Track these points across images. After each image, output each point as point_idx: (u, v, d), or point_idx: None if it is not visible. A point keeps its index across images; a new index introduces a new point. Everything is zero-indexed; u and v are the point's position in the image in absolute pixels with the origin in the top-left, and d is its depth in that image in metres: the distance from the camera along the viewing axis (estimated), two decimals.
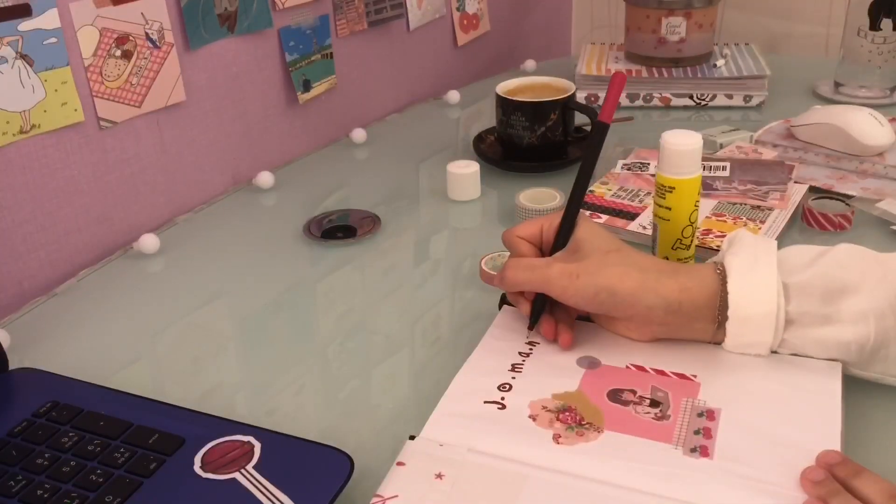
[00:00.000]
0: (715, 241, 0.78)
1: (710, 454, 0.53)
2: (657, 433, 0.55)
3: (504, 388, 0.60)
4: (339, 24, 1.08)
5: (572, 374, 0.61)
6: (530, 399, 0.58)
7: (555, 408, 0.58)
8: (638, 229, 0.82)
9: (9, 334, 0.70)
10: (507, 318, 0.68)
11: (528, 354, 0.63)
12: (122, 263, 0.84)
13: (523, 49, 1.49)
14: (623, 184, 0.90)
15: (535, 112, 0.96)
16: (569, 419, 0.56)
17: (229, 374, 0.67)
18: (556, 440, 0.55)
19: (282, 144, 1.06)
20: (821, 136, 0.96)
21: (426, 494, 0.51)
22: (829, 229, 0.82)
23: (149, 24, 0.85)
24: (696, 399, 0.58)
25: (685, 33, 1.16)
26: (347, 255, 0.83)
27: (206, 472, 0.53)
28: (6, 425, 0.58)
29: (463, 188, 0.92)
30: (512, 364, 0.62)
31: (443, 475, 0.52)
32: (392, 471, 0.52)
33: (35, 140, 0.78)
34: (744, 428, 0.55)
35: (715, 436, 0.54)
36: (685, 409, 0.57)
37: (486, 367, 0.62)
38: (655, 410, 0.57)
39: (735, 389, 0.58)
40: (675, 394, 0.58)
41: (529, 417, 0.57)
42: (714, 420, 0.56)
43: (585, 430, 0.55)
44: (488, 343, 0.65)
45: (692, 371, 0.60)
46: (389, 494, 0.50)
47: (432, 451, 0.54)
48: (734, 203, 0.85)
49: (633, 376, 0.60)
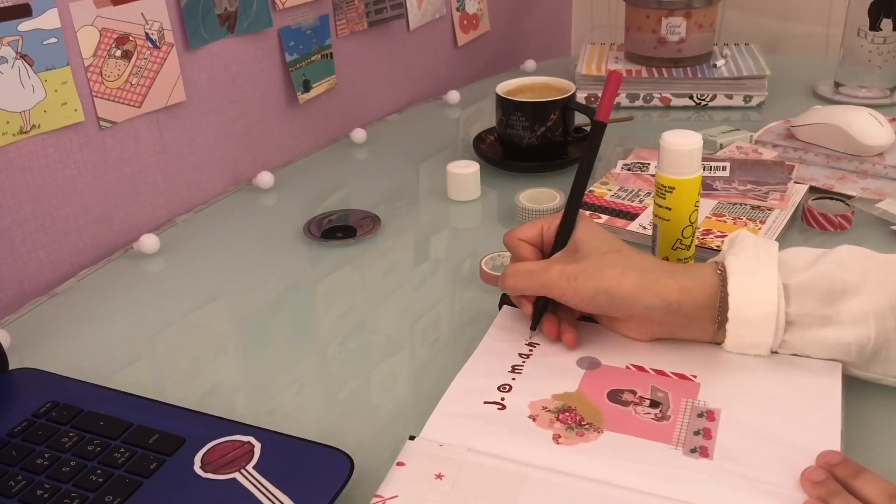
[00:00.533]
0: (715, 241, 0.78)
1: (709, 455, 0.53)
2: (657, 434, 0.55)
3: (504, 388, 0.60)
4: (339, 24, 1.08)
5: (572, 375, 0.61)
6: (530, 399, 0.58)
7: (555, 408, 0.58)
8: (638, 229, 0.82)
9: (9, 334, 0.70)
10: (507, 319, 0.68)
11: (528, 356, 0.63)
12: (122, 263, 0.84)
13: (523, 49, 1.49)
14: (623, 184, 0.90)
15: (535, 112, 0.96)
16: (569, 419, 0.56)
17: (229, 374, 0.67)
18: (556, 440, 0.55)
19: (282, 144, 1.06)
20: (821, 137, 0.96)
21: (426, 494, 0.51)
22: (829, 229, 0.82)
23: (149, 24, 0.85)
24: (695, 399, 0.58)
25: (685, 33, 1.16)
26: (347, 255, 0.83)
27: (206, 472, 0.53)
28: (6, 425, 0.58)
29: (463, 188, 0.92)
30: (512, 365, 0.62)
31: (443, 475, 0.52)
32: (392, 471, 0.52)
33: (35, 140, 0.78)
34: (744, 428, 0.55)
35: (715, 436, 0.54)
36: (685, 410, 0.57)
37: (486, 368, 0.62)
38: (655, 411, 0.57)
39: (735, 390, 0.58)
40: (675, 394, 0.58)
41: (529, 418, 0.57)
42: (714, 420, 0.56)
43: (585, 431, 0.55)
44: (488, 344, 0.65)
45: (692, 371, 0.60)
46: (389, 495, 0.50)
47: (432, 452, 0.54)
48: (734, 203, 0.85)
49: (633, 377, 0.60)
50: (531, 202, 0.87)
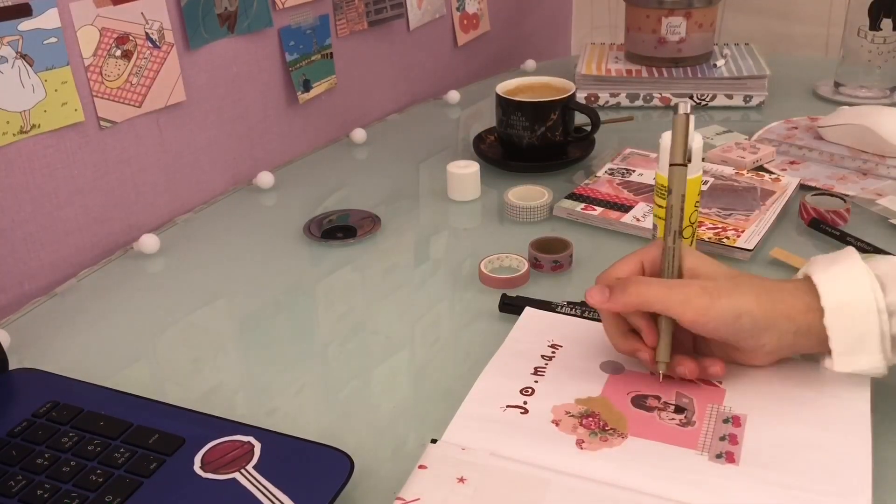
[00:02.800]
0: (707, 232, 0.79)
1: (735, 460, 0.52)
2: (682, 439, 0.54)
3: (526, 392, 0.59)
4: (339, 24, 1.08)
5: (596, 379, 0.60)
6: (553, 404, 0.58)
7: (578, 413, 0.57)
8: (631, 221, 0.82)
9: (9, 334, 0.70)
10: (529, 321, 0.67)
11: (552, 358, 0.63)
12: (122, 263, 0.84)
13: (523, 49, 1.49)
14: (598, 188, 0.90)
15: (535, 112, 0.96)
16: (592, 424, 0.56)
17: (229, 374, 0.67)
18: (579, 445, 0.54)
19: (282, 144, 1.06)
20: (849, 137, 0.96)
21: (448, 497, 0.50)
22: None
23: (149, 24, 0.85)
24: (721, 405, 0.57)
25: (685, 33, 1.16)
26: (347, 255, 0.83)
27: (206, 472, 0.53)
28: (6, 425, 0.58)
29: (463, 188, 0.92)
30: (535, 367, 0.62)
31: (465, 479, 0.52)
32: (414, 473, 0.52)
33: (35, 140, 0.78)
34: (771, 434, 0.54)
35: (741, 442, 0.54)
36: (710, 416, 0.56)
37: (509, 370, 0.62)
38: (680, 416, 0.56)
39: (761, 395, 0.58)
40: (700, 400, 0.58)
41: (552, 422, 0.56)
42: (740, 426, 0.55)
43: (609, 436, 0.55)
44: (510, 346, 0.64)
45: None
46: (412, 497, 0.50)
47: (454, 455, 0.53)
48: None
49: (657, 382, 0.59)
50: (519, 199, 0.87)
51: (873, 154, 0.94)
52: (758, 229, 0.80)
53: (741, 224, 0.81)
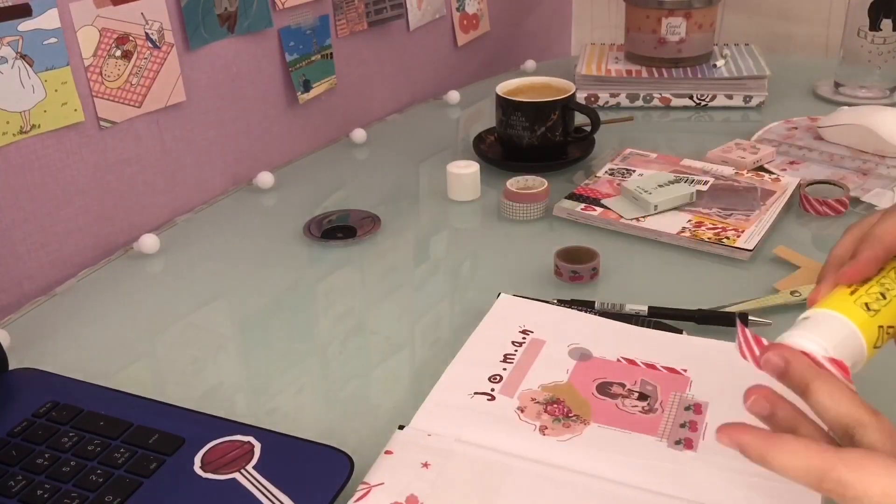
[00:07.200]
0: (707, 232, 0.79)
1: (693, 447, 0.54)
2: (643, 426, 0.56)
3: (495, 379, 0.61)
4: (339, 24, 1.08)
5: (563, 366, 0.62)
6: (520, 391, 0.59)
7: (543, 399, 0.58)
8: (631, 221, 0.82)
9: (9, 334, 0.70)
10: (502, 307, 0.68)
11: (521, 343, 0.64)
12: (122, 263, 0.84)
13: (523, 49, 1.49)
14: (600, 188, 0.90)
15: (535, 112, 0.96)
16: (556, 411, 0.57)
17: (229, 374, 0.67)
18: (542, 432, 0.56)
19: (282, 144, 1.06)
20: (849, 138, 0.97)
21: (412, 482, 0.51)
22: (827, 214, 0.84)
23: (149, 24, 0.85)
24: (684, 393, 0.59)
25: (685, 33, 1.16)
26: (347, 256, 0.83)
27: (206, 472, 0.53)
28: (6, 425, 0.58)
29: (463, 188, 0.92)
30: (504, 354, 0.63)
31: (429, 464, 0.53)
32: (380, 459, 0.53)
33: (35, 140, 0.78)
34: (729, 421, 0.55)
35: (700, 429, 0.55)
36: (673, 403, 0.58)
37: (479, 357, 0.63)
38: (643, 404, 0.58)
39: (724, 384, 0.58)
40: (665, 388, 0.59)
41: (518, 409, 0.58)
42: (700, 413, 0.57)
43: (572, 423, 0.56)
44: (482, 333, 0.66)
45: (683, 366, 0.61)
46: (376, 482, 0.51)
47: (420, 441, 0.55)
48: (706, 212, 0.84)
49: (624, 369, 0.61)
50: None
51: (873, 154, 0.95)
52: (758, 229, 0.80)
53: (741, 224, 0.81)
